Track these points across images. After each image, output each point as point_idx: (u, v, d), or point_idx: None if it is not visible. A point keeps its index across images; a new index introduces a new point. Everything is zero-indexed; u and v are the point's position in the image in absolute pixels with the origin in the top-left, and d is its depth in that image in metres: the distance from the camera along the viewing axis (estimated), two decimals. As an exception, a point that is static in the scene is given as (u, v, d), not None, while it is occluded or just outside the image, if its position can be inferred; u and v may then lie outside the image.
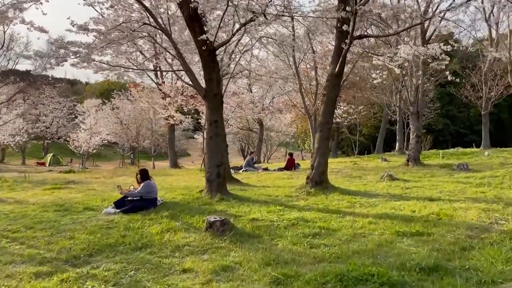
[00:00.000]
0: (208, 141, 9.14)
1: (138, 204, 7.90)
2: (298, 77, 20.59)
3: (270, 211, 7.52)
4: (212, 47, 8.69)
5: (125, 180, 16.32)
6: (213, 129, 9.04)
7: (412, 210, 7.63)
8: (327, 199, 9.01)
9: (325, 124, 10.01)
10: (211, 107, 9.05)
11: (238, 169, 17.75)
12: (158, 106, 18.80)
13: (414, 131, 16.57)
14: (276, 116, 33.71)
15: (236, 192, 10.04)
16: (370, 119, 36.24)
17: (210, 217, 6.00)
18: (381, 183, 11.45)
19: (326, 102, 9.94)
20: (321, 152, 10.11)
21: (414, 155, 16.34)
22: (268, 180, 13.51)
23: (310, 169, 10.33)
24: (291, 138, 44.67)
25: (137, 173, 8.45)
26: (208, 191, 9.10)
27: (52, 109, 48.98)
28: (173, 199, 9.03)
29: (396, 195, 9.62)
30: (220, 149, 9.16)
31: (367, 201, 8.73)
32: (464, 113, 40.59)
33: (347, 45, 8.94)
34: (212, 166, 9.05)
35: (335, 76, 9.70)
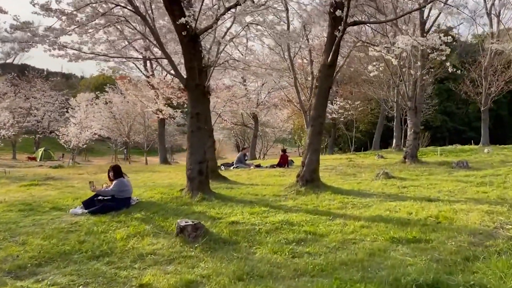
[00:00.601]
0: (189, 136, 8.44)
1: (109, 204, 7.20)
2: (293, 70, 19.85)
3: (253, 213, 6.84)
4: (194, 33, 7.97)
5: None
6: (194, 122, 8.34)
7: (408, 212, 6.98)
8: (318, 199, 8.34)
9: (317, 118, 9.33)
10: (193, 98, 8.34)
11: (229, 166, 17.07)
12: (145, 99, 18.09)
13: (412, 127, 15.91)
14: (273, 111, 33.00)
15: (221, 191, 9.36)
16: (367, 115, 35.57)
17: (181, 221, 5.32)
18: (376, 182, 10.79)
19: (318, 94, 9.25)
20: (312, 148, 9.43)
21: (411, 152, 15.69)
22: (258, 177, 12.83)
23: (301, 166, 9.65)
24: (288, 134, 44.03)
25: (109, 170, 7.73)
26: (188, 190, 8.42)
27: (44, 102, 48.09)
28: (150, 199, 8.34)
29: (391, 194, 8.96)
30: (202, 144, 8.47)
31: (360, 202, 8.07)
32: (462, 110, 39.98)
33: (340, 32, 8.24)
34: (193, 163, 8.35)
35: (328, 66, 9.01)
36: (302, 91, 21.99)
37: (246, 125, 31.96)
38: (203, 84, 8.39)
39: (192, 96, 8.31)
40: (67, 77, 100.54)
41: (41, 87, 48.58)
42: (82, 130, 32.23)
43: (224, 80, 24.00)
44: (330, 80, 9.19)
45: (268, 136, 41.89)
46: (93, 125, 33.67)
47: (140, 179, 13.89)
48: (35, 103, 47.40)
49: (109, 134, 42.33)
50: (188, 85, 8.24)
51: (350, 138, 26.77)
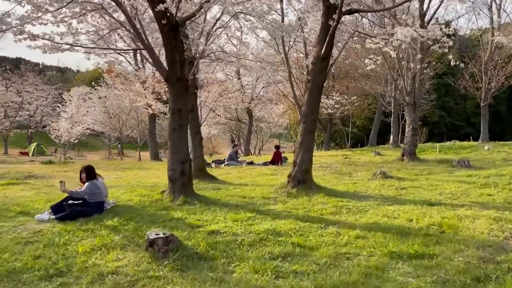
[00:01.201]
0: (170, 134, 7.77)
1: (79, 209, 6.54)
2: (287, 64, 19.15)
3: (237, 220, 6.19)
4: (175, 22, 7.27)
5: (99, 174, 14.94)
6: (176, 119, 7.67)
7: (408, 219, 6.35)
8: (310, 202, 7.71)
9: (310, 115, 8.67)
10: (174, 93, 7.66)
11: (220, 163, 16.44)
12: (133, 94, 17.37)
13: (410, 123, 15.28)
14: (268, 106, 32.27)
15: (206, 193, 8.71)
16: (364, 110, 34.94)
17: (152, 233, 4.67)
18: (373, 182, 10.17)
19: (311, 89, 8.58)
20: (305, 147, 8.78)
21: (409, 149, 15.08)
22: (249, 176, 12.19)
23: (292, 166, 9.01)
24: (283, 129, 43.37)
25: (81, 171, 7.05)
26: (170, 192, 7.76)
27: (36, 97, 47.18)
28: (128, 202, 7.68)
29: (389, 197, 8.34)
30: (184, 143, 7.81)
31: (356, 205, 7.44)
32: (460, 105, 39.45)
33: (335, 22, 7.56)
34: (175, 163, 7.69)
35: (321, 59, 8.34)
36: (297, 86, 21.31)
37: (241, 120, 31.27)
38: (185, 78, 7.71)
39: (173, 91, 7.63)
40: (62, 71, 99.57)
41: (33, 81, 47.63)
42: (74, 125, 31.43)
43: (218, 74, 23.35)
44: (324, 74, 8.53)
45: (263, 132, 41.21)
46: (85, 119, 32.89)
47: (125, 177, 13.24)
48: (27, 97, 46.50)
49: (103, 129, 41.63)
50: (169, 78, 7.56)
51: (346, 133, 26.14)
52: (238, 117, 30.76)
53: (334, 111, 25.16)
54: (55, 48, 8.55)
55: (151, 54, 7.46)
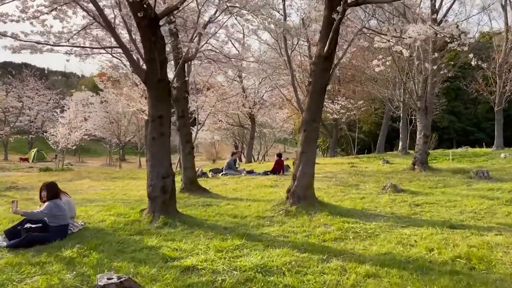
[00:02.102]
0: (150, 144, 6.76)
1: (35, 235, 5.52)
2: (290, 67, 18.12)
3: (222, 250, 5.15)
4: (153, 15, 6.29)
5: (87, 184, 14.01)
6: (156, 127, 6.66)
7: (428, 248, 5.27)
8: (311, 223, 6.65)
9: (311, 122, 7.62)
10: (154, 97, 6.65)
11: (218, 172, 15.40)
12: (125, 98, 16.43)
13: (422, 129, 14.18)
14: (272, 111, 31.20)
15: (194, 211, 7.67)
16: (370, 115, 33.77)
17: (102, 277, 3.63)
18: (383, 196, 9.08)
19: (312, 93, 7.54)
20: (305, 158, 7.73)
21: (421, 157, 13.97)
22: (246, 188, 11.15)
23: (292, 180, 7.96)
24: (288, 134, 42.25)
25: (42, 188, 6.03)
26: (149, 211, 6.74)
27: (37, 102, 46.59)
28: (100, 224, 6.66)
29: (402, 216, 7.26)
30: (166, 154, 6.79)
31: (364, 228, 6.37)
32: (471, 110, 38.14)
33: (339, 14, 6.53)
34: (155, 178, 6.67)
35: (324, 58, 7.31)
36: (300, 90, 20.28)
37: (243, 126, 30.23)
38: (166, 79, 6.71)
39: (153, 94, 6.63)
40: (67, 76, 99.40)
41: (34, 85, 47.05)
42: (72, 130, 30.57)
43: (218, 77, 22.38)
44: (327, 76, 7.48)
45: (267, 137, 40.14)
46: (84, 125, 32.06)
47: (113, 189, 12.26)
48: (28, 102, 45.92)
49: (104, 134, 40.84)
50: (148, 80, 6.56)
51: (352, 139, 24.99)
52: (240, 123, 29.72)
53: (340, 116, 24.09)
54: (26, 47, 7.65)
55: (125, 52, 6.47)
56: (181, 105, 9.86)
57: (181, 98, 9.84)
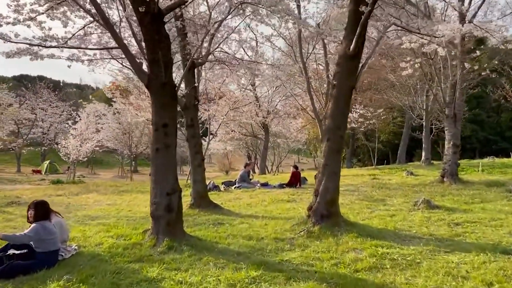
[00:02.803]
0: (153, 156, 5.95)
1: (20, 264, 4.72)
2: (305, 74, 17.29)
3: (235, 284, 4.27)
4: (156, 10, 5.53)
5: (94, 198, 13.28)
6: (160, 137, 5.85)
7: (486, 282, 4.33)
8: (338, 248, 5.72)
9: (335, 131, 6.74)
10: (158, 103, 5.86)
11: (230, 185, 14.54)
12: (133, 108, 15.79)
13: (451, 138, 13.14)
14: (286, 121, 30.31)
15: (203, 231, 6.81)
16: (388, 125, 32.62)
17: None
18: (415, 214, 8.09)
19: (337, 97, 6.67)
20: (329, 171, 6.82)
21: (451, 169, 12.91)
22: (261, 203, 10.26)
23: (314, 196, 7.05)
24: (302, 144, 41.26)
25: (29, 206, 5.23)
26: (153, 233, 5.90)
27: (50, 113, 46.57)
28: (97, 246, 5.84)
29: (443, 238, 6.28)
30: (171, 168, 5.96)
31: (402, 253, 5.42)
32: (493, 118, 36.69)
33: (369, 6, 5.67)
34: (159, 195, 5.84)
35: (350, 57, 6.44)
36: (316, 98, 19.39)
37: (256, 136, 29.38)
38: (172, 83, 5.92)
39: (157, 100, 5.84)
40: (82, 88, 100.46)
41: (47, 97, 47.11)
42: (83, 142, 30.15)
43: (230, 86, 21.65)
44: (353, 78, 6.61)
45: (281, 147, 39.22)
46: (95, 137, 31.61)
47: (119, 204, 11.49)
48: (41, 114, 45.91)
49: (116, 146, 40.43)
50: (151, 84, 5.78)
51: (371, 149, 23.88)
52: (254, 133, 28.88)
53: (358, 125, 23.08)
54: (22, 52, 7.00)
55: (125, 52, 5.70)
56: (191, 113, 9.07)
57: (191, 106, 9.06)
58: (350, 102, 6.79)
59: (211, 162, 65.91)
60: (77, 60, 7.95)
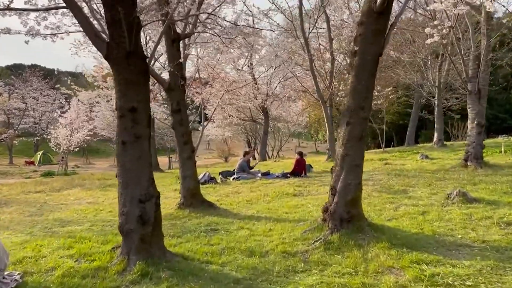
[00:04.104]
0: (119, 152, 4.47)
1: None
2: (308, 51, 15.73)
3: None
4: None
5: (75, 195, 11.89)
6: (127, 125, 4.38)
7: None
8: (368, 266, 4.32)
9: (358, 111, 5.24)
10: (122, 80, 4.36)
11: (229, 175, 13.12)
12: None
13: (475, 117, 11.66)
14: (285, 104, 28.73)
15: (191, 244, 5.37)
16: (393, 105, 31.03)
17: None
18: (451, 210, 6.66)
19: (360, 67, 5.16)
20: (350, 163, 5.36)
21: (475, 151, 11.48)
22: (263, 199, 8.85)
23: (330, 194, 5.60)
24: (303, 128, 39.76)
25: None
26: (122, 253, 4.46)
27: (42, 102, 44.81)
28: (48, 273, 4.40)
29: (501, 247, 4.86)
30: (144, 166, 4.49)
31: (457, 275, 4.02)
32: (503, 95, 35.09)
33: None
34: (129, 203, 4.40)
35: (377, 15, 4.92)
36: (320, 77, 17.85)
37: (255, 121, 27.86)
38: (141, 52, 4.40)
39: (120, 76, 4.34)
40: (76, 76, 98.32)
41: (37, 86, 45.28)
42: (73, 131, 28.59)
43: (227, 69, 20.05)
44: (380, 40, 5.08)
45: (281, 132, 37.75)
46: (86, 125, 30.04)
47: (100, 202, 10.09)
48: (32, 103, 44.18)
49: (111, 134, 38.92)
50: (111, 54, 4.27)
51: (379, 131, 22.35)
52: (253, 117, 27.37)
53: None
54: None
55: (71, 8, 4.17)
56: (176, 95, 7.56)
57: (176, 87, 7.54)
58: (376, 72, 5.28)
59: (210, 149, 64.41)
60: (35, 35, 6.41)
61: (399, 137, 36.86)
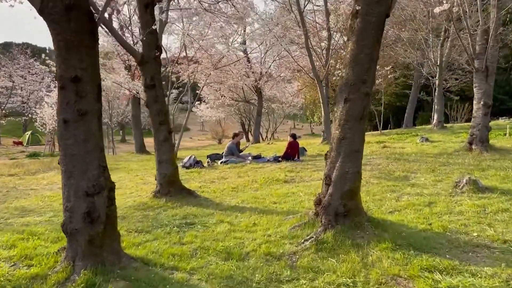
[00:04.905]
0: (61, 134, 3.57)
1: None
2: (303, 26, 14.68)
3: None
4: None
5: (49, 179, 11.03)
6: (70, 99, 3.48)
7: None
8: (368, 274, 3.54)
9: (359, 85, 4.37)
10: (62, 41, 3.43)
11: (217, 159, 12.27)
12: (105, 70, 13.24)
13: (481, 97, 10.80)
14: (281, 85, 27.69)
15: (159, 243, 4.54)
16: (390, 85, 30.07)
17: None
18: (461, 200, 5.86)
19: (362, 31, 4.25)
20: (348, 148, 4.52)
21: (480, 134, 10.66)
22: (250, 185, 8.02)
23: (324, 183, 4.76)
24: (298, 109, 38.81)
25: None
26: (68, 257, 3.61)
27: (30, 81, 43.36)
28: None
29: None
30: (94, 150, 3.60)
31: (476, 286, 3.22)
32: (502, 76, 34.14)
33: None
34: (73, 197, 3.54)
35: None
36: (315, 55, 16.86)
37: (249, 101, 26.86)
38: (84, 5, 3.45)
39: (58, 36, 3.42)
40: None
41: (25, 64, 43.71)
42: (59, 111, 27.40)
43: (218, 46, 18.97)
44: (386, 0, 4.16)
45: (276, 113, 36.82)
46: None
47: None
48: (20, 81, 42.72)
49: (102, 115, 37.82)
50: (46, 4, 3.33)
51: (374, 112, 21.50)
52: (246, 98, 26.37)
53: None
54: None
55: None
56: (151, 69, 6.61)
57: (150, 59, 6.58)
58: (381, 39, 4.37)
59: (204, 130, 63.32)
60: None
61: (396, 119, 36.03)
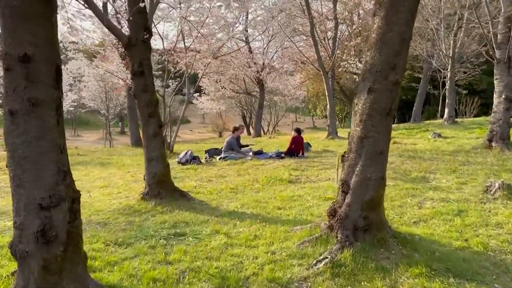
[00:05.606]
0: (7, 130, 2.77)
1: None
2: (308, 13, 13.80)
3: None
4: None
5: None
6: (17, 84, 2.65)
7: None
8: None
9: (388, 73, 3.55)
10: (6, 7, 2.61)
11: (216, 154, 11.44)
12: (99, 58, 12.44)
13: (503, 90, 9.98)
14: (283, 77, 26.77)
15: (139, 262, 3.75)
16: (396, 78, 29.18)
17: None
18: (495, 208, 5.07)
19: (392, 4, 3.42)
20: (371, 149, 3.71)
21: (501, 130, 9.84)
22: (251, 186, 7.21)
23: (340, 191, 3.96)
24: (300, 102, 37.92)
25: None
26: (18, 287, 2.82)
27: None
28: None
29: None
30: (50, 152, 2.79)
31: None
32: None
33: None
34: (23, 210, 2.73)
35: None
36: (321, 44, 15.98)
37: (250, 94, 25.97)
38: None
39: (5, 9, 2.58)
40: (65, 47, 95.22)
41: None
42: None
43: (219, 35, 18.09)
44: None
45: (278, 106, 35.93)
46: (69, 95, 28.08)
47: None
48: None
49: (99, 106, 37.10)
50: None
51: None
52: (247, 89, 25.47)
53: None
54: None
55: None
56: (139, 53, 5.78)
57: (138, 43, 5.75)
58: (415, 18, 3.55)
59: (204, 122, 62.35)
60: None
61: (401, 113, 35.18)
